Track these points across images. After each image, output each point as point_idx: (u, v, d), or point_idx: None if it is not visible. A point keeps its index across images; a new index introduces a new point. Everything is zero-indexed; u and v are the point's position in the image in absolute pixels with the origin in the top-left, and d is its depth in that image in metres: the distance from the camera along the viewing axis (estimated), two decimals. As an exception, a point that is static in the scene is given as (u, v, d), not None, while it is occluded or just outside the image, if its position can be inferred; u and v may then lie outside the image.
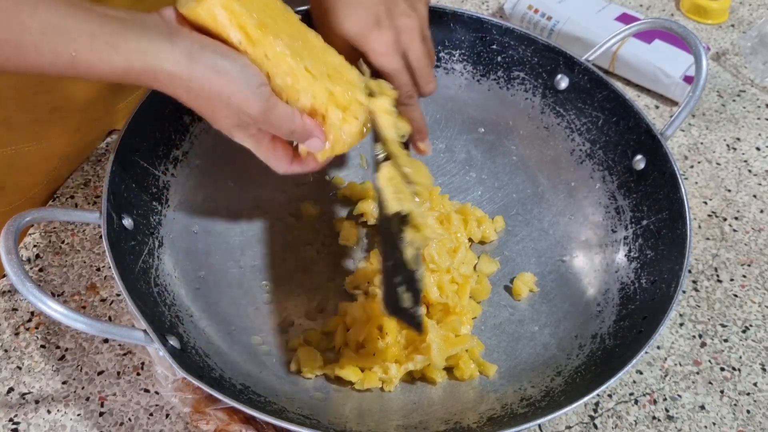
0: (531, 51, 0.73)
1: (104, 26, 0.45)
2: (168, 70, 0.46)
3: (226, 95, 0.48)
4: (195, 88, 0.47)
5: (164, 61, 0.46)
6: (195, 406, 0.56)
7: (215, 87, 0.47)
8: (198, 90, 0.47)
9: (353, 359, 0.59)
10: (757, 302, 0.69)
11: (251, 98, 0.49)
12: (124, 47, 0.45)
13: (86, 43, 0.44)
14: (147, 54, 0.45)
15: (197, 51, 0.47)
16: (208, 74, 0.47)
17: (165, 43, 0.46)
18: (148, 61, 0.46)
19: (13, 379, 0.59)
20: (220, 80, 0.47)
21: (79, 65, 0.45)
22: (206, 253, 0.65)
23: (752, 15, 1.02)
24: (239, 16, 0.49)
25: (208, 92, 0.48)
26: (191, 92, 0.48)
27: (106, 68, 0.45)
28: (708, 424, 0.60)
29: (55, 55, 0.44)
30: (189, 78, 0.47)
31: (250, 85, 0.48)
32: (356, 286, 0.65)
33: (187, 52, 0.46)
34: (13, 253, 0.47)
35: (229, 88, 0.48)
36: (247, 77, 0.48)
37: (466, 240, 0.67)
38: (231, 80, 0.48)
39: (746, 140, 0.85)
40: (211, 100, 0.48)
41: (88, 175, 0.75)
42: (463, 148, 0.76)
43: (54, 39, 0.43)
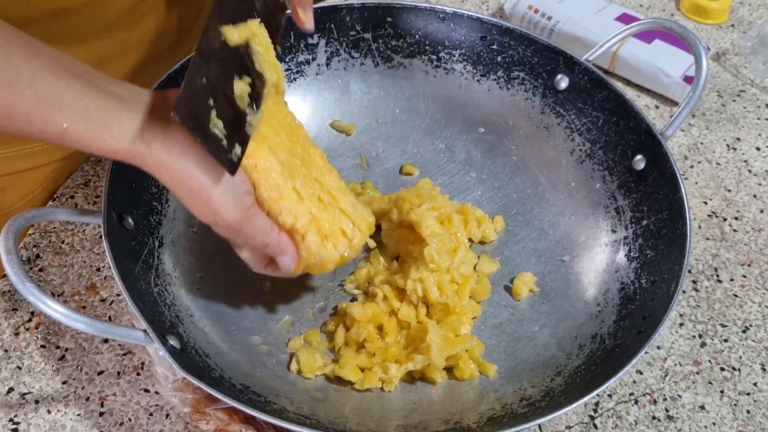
0: (531, 51, 0.73)
1: (101, 104, 0.44)
2: (156, 157, 0.46)
3: (206, 196, 0.48)
4: (177, 180, 0.47)
5: (155, 149, 0.46)
6: (195, 406, 0.56)
7: (196, 185, 0.47)
8: (180, 183, 0.47)
9: (353, 359, 0.59)
10: (757, 302, 0.69)
11: (230, 204, 0.48)
12: (117, 129, 0.44)
13: (79, 119, 0.43)
14: (140, 141, 0.45)
15: (189, 146, 0.46)
16: (193, 171, 0.47)
17: (158, 131, 0.46)
18: (138, 147, 0.45)
19: (13, 379, 0.59)
20: (203, 180, 0.47)
21: (69, 138, 0.44)
22: (206, 253, 0.65)
23: (752, 15, 1.02)
24: None
25: (190, 188, 0.47)
26: (174, 183, 0.47)
27: (96, 145, 0.45)
28: (708, 424, 0.60)
29: (46, 124, 0.43)
30: (175, 169, 0.46)
31: (233, 192, 0.48)
32: (356, 286, 0.65)
33: (179, 144, 0.46)
34: (13, 253, 0.47)
35: (210, 191, 0.47)
36: (233, 183, 0.48)
37: (466, 240, 0.67)
38: (213, 183, 0.47)
39: (746, 140, 0.85)
40: (191, 195, 0.48)
41: (88, 175, 0.75)
42: (463, 148, 0.76)
43: (47, 109, 0.43)
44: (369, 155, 0.76)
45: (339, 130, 0.77)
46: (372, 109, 0.77)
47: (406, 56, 0.76)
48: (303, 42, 0.74)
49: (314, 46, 0.74)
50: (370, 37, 0.75)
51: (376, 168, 0.75)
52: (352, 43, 0.75)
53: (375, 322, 0.61)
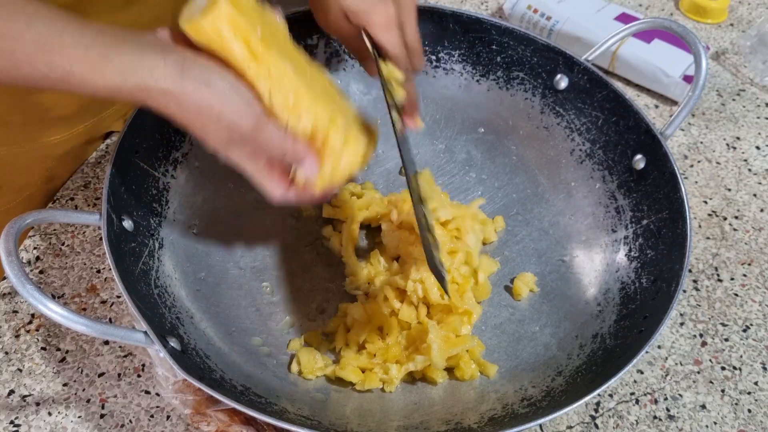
0: (530, 51, 0.73)
1: (99, 40, 0.45)
2: (160, 85, 0.46)
3: (216, 109, 0.47)
4: (186, 102, 0.47)
5: (157, 76, 0.46)
6: (196, 408, 0.56)
7: (206, 101, 0.47)
8: (189, 104, 0.47)
9: (354, 360, 0.59)
10: (757, 301, 0.69)
11: (242, 112, 0.48)
12: (117, 60, 0.45)
13: (80, 56, 0.44)
14: (141, 69, 0.45)
15: (189, 65, 0.47)
16: (199, 88, 0.47)
17: (158, 57, 0.46)
18: (141, 77, 0.45)
19: (14, 381, 0.59)
20: (211, 94, 0.47)
21: (72, 78, 0.44)
22: (206, 255, 0.65)
23: (751, 14, 1.02)
24: (244, 31, 0.48)
25: (199, 107, 0.47)
26: (182, 107, 0.47)
27: (100, 82, 0.45)
28: (709, 423, 0.60)
29: (49, 67, 0.44)
30: (180, 92, 0.46)
31: (241, 100, 0.48)
32: (356, 287, 0.65)
33: (179, 65, 0.46)
34: (13, 255, 0.47)
35: (221, 102, 0.47)
36: (238, 92, 0.48)
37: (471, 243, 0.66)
38: (222, 94, 0.47)
39: (746, 139, 0.85)
40: (201, 115, 0.48)
41: (88, 177, 0.75)
42: (463, 148, 0.76)
43: (49, 51, 0.43)
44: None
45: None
46: (372, 109, 0.77)
47: (405, 57, 0.76)
48: (302, 43, 0.74)
49: (313, 47, 0.74)
50: (370, 37, 0.75)
51: (376, 169, 0.75)
52: (352, 43, 0.75)
53: (375, 322, 0.61)
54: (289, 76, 0.50)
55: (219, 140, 0.50)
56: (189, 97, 0.47)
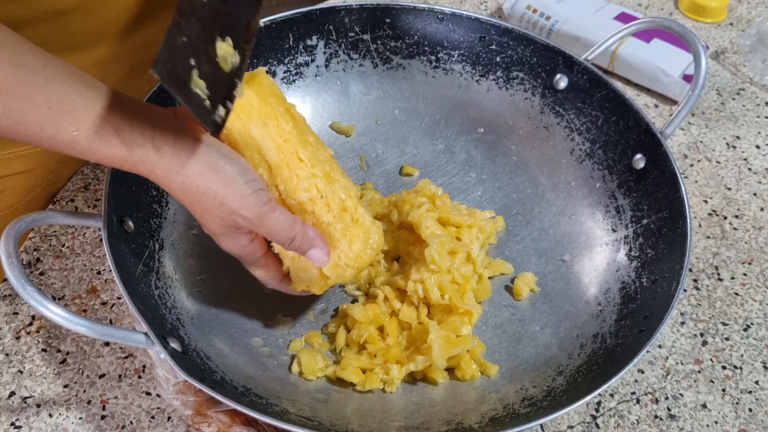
0: (530, 51, 0.73)
1: (110, 109, 0.44)
2: (166, 164, 0.46)
3: (220, 195, 0.47)
4: (189, 184, 0.46)
5: (164, 156, 0.45)
6: (196, 409, 0.56)
7: (210, 186, 0.47)
8: (192, 187, 0.47)
9: (354, 360, 0.59)
10: (758, 300, 0.69)
11: (247, 200, 0.48)
12: (126, 133, 0.44)
13: (89, 124, 0.43)
14: (149, 143, 0.45)
15: (200, 149, 0.46)
16: (205, 172, 0.46)
17: (169, 137, 0.46)
18: (147, 153, 0.45)
19: (15, 383, 0.59)
20: (217, 178, 0.47)
21: (79, 145, 0.44)
22: (206, 256, 0.65)
23: (751, 13, 1.02)
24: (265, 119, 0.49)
25: (203, 190, 0.47)
26: (185, 189, 0.47)
27: (105, 152, 0.45)
28: (710, 422, 0.60)
29: (57, 131, 0.43)
30: (186, 174, 0.46)
31: (248, 188, 0.48)
32: (357, 287, 0.65)
33: (189, 147, 0.46)
34: (13, 256, 0.47)
35: (225, 188, 0.47)
36: (246, 180, 0.48)
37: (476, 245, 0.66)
38: (228, 180, 0.47)
39: (746, 138, 0.85)
40: (204, 199, 0.47)
41: (88, 179, 0.75)
42: (462, 148, 0.76)
43: (58, 116, 0.43)
44: (369, 156, 0.76)
45: (338, 131, 0.77)
46: (371, 110, 0.77)
47: (405, 57, 0.76)
48: (302, 44, 0.74)
49: (313, 47, 0.74)
50: (369, 38, 0.75)
51: (375, 169, 0.75)
52: (351, 44, 0.75)
53: (376, 323, 0.61)
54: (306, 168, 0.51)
55: (219, 225, 0.49)
56: (193, 180, 0.46)
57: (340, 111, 0.77)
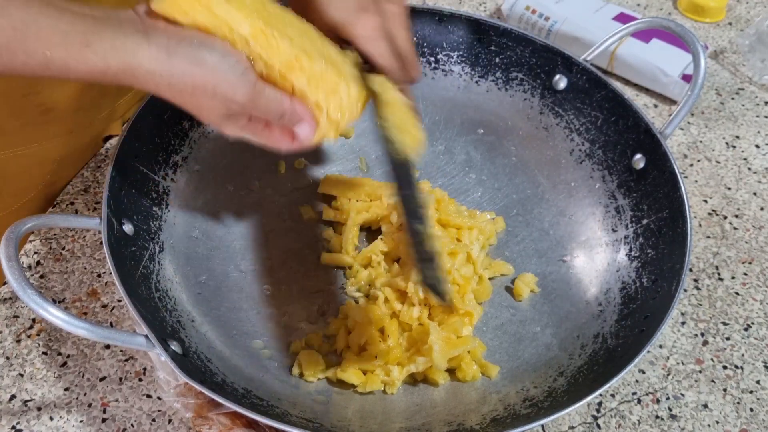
0: (529, 51, 0.73)
1: (77, 24, 0.43)
2: (146, 67, 0.45)
3: (210, 86, 0.46)
4: (177, 83, 0.46)
5: (142, 59, 0.44)
6: (197, 411, 0.56)
7: (198, 79, 0.46)
8: (180, 85, 0.46)
9: (355, 362, 0.59)
10: (758, 300, 0.69)
11: (237, 85, 0.47)
12: (99, 45, 0.43)
13: (59, 42, 0.43)
14: (123, 52, 0.44)
15: (174, 44, 0.45)
16: (188, 68, 0.45)
17: (141, 39, 0.44)
18: (125, 60, 0.44)
19: (15, 386, 0.59)
20: (202, 71, 0.46)
21: (54, 65, 0.43)
22: (207, 258, 0.65)
23: (750, 13, 1.03)
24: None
25: (192, 86, 0.46)
26: (173, 88, 0.46)
27: (83, 68, 0.44)
28: (711, 422, 0.60)
29: (28, 54, 0.42)
30: (169, 74, 0.45)
31: (234, 72, 0.47)
32: (357, 288, 0.65)
33: (164, 46, 0.45)
34: (13, 260, 0.47)
35: (213, 78, 0.46)
36: (230, 65, 0.47)
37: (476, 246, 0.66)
38: (213, 70, 0.46)
39: (745, 138, 0.85)
40: (195, 93, 0.47)
41: (88, 181, 0.75)
42: (462, 149, 0.76)
43: (26, 38, 0.42)
44: (368, 158, 0.76)
45: (338, 132, 0.77)
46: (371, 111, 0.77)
47: (404, 58, 0.76)
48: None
49: (312, 49, 0.74)
50: (368, 39, 0.75)
51: (375, 170, 0.75)
52: (351, 45, 0.75)
53: (377, 324, 0.61)
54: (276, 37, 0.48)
55: (216, 116, 0.49)
56: (178, 78, 0.45)
57: (340, 112, 0.77)
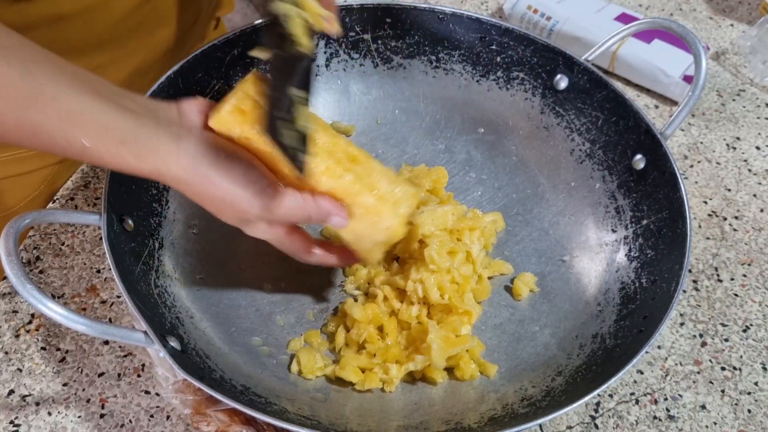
0: (530, 51, 0.73)
1: (118, 120, 0.45)
2: (174, 174, 0.48)
3: (229, 198, 0.49)
4: (198, 191, 0.49)
5: (170, 166, 0.47)
6: (196, 408, 0.56)
7: (218, 191, 0.49)
8: (201, 192, 0.49)
9: (354, 360, 0.59)
10: (757, 301, 0.69)
11: (252, 203, 0.50)
12: (134, 146, 0.46)
13: (98, 136, 0.45)
14: (155, 157, 0.47)
15: (201, 155, 0.48)
16: (211, 178, 0.48)
17: (172, 146, 0.47)
18: (155, 165, 0.47)
19: (14, 381, 0.59)
20: (223, 183, 0.49)
21: (89, 155, 0.45)
22: (206, 255, 0.65)
23: (752, 14, 1.02)
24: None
25: (212, 195, 0.49)
26: (195, 194, 0.49)
27: (115, 162, 0.46)
28: (709, 423, 0.60)
29: (68, 142, 0.44)
30: (193, 182, 0.48)
31: (247, 192, 0.49)
32: (356, 287, 0.65)
33: (192, 156, 0.48)
34: (13, 255, 0.47)
35: (231, 195, 0.49)
36: (246, 185, 0.49)
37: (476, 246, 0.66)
38: (228, 190, 0.49)
39: (746, 139, 0.85)
40: (214, 202, 0.50)
41: (88, 177, 0.75)
42: (462, 148, 0.76)
43: (69, 127, 0.44)
44: (369, 156, 0.76)
45: (339, 131, 0.76)
46: (371, 110, 0.77)
47: (405, 57, 0.76)
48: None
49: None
50: (370, 38, 0.75)
51: (375, 169, 0.75)
52: (352, 44, 0.75)
53: (375, 322, 0.61)
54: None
55: (235, 221, 0.52)
56: (200, 187, 0.49)
57: (341, 111, 0.77)
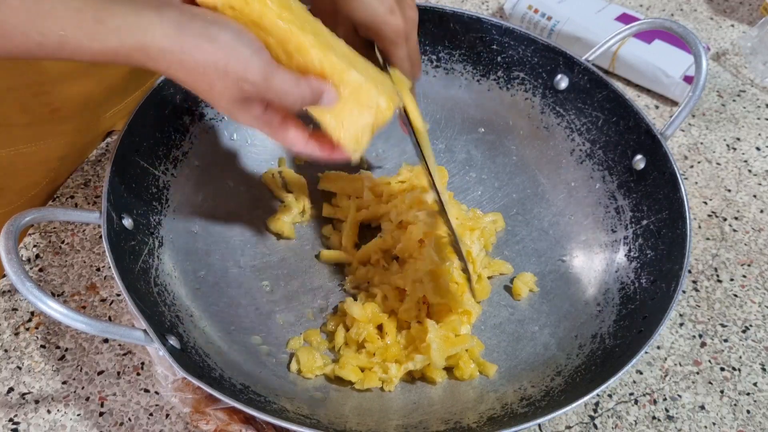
0: (531, 51, 0.73)
1: (90, 1, 0.43)
2: (158, 44, 0.44)
3: (222, 63, 0.45)
4: (187, 60, 0.45)
5: (153, 35, 0.44)
6: (195, 406, 0.56)
7: (209, 56, 0.45)
8: (191, 62, 0.45)
9: (353, 359, 0.59)
10: (757, 302, 0.69)
11: (250, 61, 0.45)
12: (112, 22, 0.43)
13: (73, 20, 0.42)
14: (137, 28, 0.43)
15: (187, 21, 0.45)
16: (200, 43, 0.44)
17: (153, 16, 0.44)
18: (138, 37, 0.43)
19: (13, 379, 0.59)
20: (213, 47, 0.45)
21: (68, 45, 0.43)
22: (206, 253, 0.65)
23: (752, 15, 1.02)
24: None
25: (203, 63, 0.45)
26: (184, 65, 0.45)
27: (96, 47, 0.43)
28: (708, 424, 0.60)
29: (43, 35, 0.42)
30: (181, 50, 0.44)
31: (247, 48, 0.46)
32: (356, 285, 0.65)
33: (176, 22, 0.44)
34: (13, 253, 0.47)
35: (226, 55, 0.45)
36: (244, 41, 0.46)
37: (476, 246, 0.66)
38: (226, 46, 0.45)
39: (746, 140, 0.85)
40: (206, 72, 0.45)
41: (88, 175, 0.75)
42: (463, 148, 0.76)
43: (40, 18, 0.41)
44: (369, 155, 0.76)
45: (339, 130, 0.76)
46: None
47: (406, 56, 0.76)
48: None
49: (314, 46, 0.74)
50: (370, 37, 0.75)
51: (376, 168, 0.75)
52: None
53: (375, 322, 0.61)
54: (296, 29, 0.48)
55: (228, 99, 0.47)
56: (191, 55, 0.45)
57: (341, 110, 0.77)
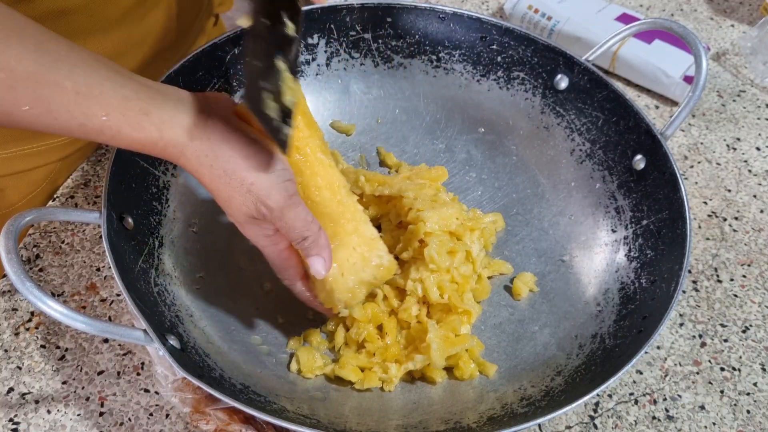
0: (531, 51, 0.73)
1: (141, 93, 0.44)
2: (196, 148, 0.45)
3: (248, 182, 0.47)
4: (218, 168, 0.46)
5: (195, 139, 0.45)
6: (195, 406, 0.56)
7: (239, 171, 0.46)
8: (221, 171, 0.46)
9: (353, 359, 0.59)
10: (757, 302, 0.69)
11: (274, 189, 0.47)
12: (156, 116, 0.44)
13: (119, 108, 0.43)
14: (179, 127, 0.45)
15: (230, 132, 0.46)
16: (234, 156, 0.46)
17: (198, 119, 0.45)
18: (177, 133, 0.45)
19: (13, 379, 0.59)
20: (246, 165, 0.46)
21: (109, 130, 0.44)
22: (206, 253, 0.65)
23: (752, 15, 1.02)
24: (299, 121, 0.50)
25: (231, 175, 0.46)
26: (213, 173, 0.46)
27: (136, 136, 0.44)
28: (708, 424, 0.60)
29: (86, 117, 0.43)
30: (215, 156, 0.46)
31: (276, 176, 0.47)
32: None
33: (220, 131, 0.46)
34: (13, 253, 0.47)
35: (254, 175, 0.47)
36: (276, 168, 0.47)
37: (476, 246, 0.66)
38: (257, 167, 0.47)
39: (746, 140, 0.85)
40: (231, 183, 0.47)
41: (88, 175, 0.75)
42: (463, 148, 0.76)
43: (87, 101, 0.42)
44: (369, 155, 0.76)
45: (339, 130, 0.77)
46: (372, 109, 0.77)
47: (406, 56, 0.76)
48: (303, 42, 0.74)
49: (314, 46, 0.74)
50: (370, 37, 0.75)
51: (376, 168, 0.75)
52: (352, 43, 0.75)
53: (375, 321, 0.61)
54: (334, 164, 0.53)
55: (244, 213, 0.49)
56: (222, 163, 0.46)
57: (341, 110, 0.77)
